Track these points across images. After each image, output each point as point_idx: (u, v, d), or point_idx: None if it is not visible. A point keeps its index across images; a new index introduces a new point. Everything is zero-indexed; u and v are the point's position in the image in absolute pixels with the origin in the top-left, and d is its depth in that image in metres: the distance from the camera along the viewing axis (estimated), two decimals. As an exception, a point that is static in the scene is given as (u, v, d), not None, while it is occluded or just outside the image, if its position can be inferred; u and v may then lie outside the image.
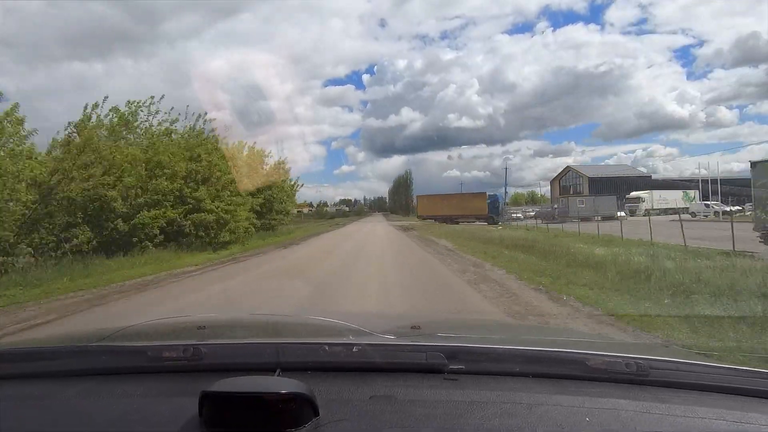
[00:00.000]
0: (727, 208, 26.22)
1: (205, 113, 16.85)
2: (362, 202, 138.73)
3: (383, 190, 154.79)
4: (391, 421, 0.73)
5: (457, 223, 35.85)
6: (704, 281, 6.18)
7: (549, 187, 64.96)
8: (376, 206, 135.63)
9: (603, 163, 72.59)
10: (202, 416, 0.70)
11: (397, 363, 0.94)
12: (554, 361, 0.95)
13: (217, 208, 15.01)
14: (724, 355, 3.08)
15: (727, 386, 0.86)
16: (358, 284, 8.51)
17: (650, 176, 56.03)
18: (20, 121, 10.10)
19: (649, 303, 5.68)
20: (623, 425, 0.72)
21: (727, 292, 5.57)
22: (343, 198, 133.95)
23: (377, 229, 33.43)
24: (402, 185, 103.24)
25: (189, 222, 14.32)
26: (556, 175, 64.33)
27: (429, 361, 0.92)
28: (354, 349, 0.95)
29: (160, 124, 15.28)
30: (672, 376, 0.89)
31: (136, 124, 14.29)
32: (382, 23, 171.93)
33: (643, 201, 33.68)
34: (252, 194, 18.47)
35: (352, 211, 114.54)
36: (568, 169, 62.22)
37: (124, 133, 13.73)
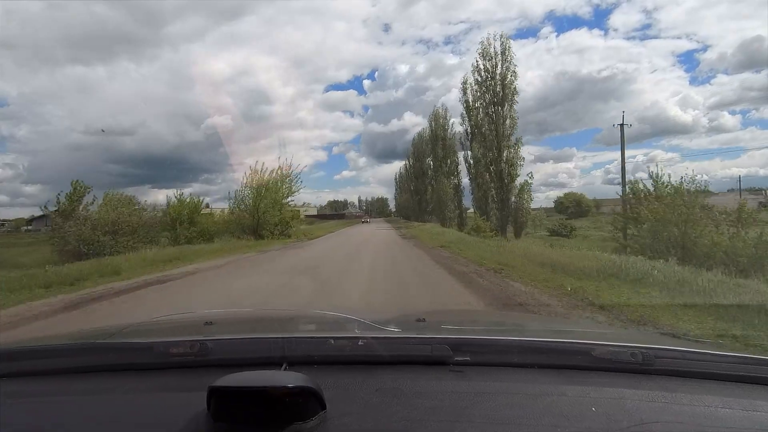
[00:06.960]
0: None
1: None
2: (356, 204, 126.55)
3: (384, 193, 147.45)
4: (398, 414, 0.73)
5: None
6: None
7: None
8: (375, 209, 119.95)
9: (603, 168, 71.00)
10: (210, 411, 0.71)
11: (403, 356, 0.94)
12: (559, 352, 0.95)
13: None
14: (730, 344, 3.07)
15: (734, 374, 0.86)
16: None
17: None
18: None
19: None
20: (629, 414, 0.72)
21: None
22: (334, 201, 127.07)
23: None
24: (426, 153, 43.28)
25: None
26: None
27: (434, 354, 0.92)
28: (360, 343, 0.95)
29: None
30: (678, 365, 0.89)
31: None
32: (386, 28, 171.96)
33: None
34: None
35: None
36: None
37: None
